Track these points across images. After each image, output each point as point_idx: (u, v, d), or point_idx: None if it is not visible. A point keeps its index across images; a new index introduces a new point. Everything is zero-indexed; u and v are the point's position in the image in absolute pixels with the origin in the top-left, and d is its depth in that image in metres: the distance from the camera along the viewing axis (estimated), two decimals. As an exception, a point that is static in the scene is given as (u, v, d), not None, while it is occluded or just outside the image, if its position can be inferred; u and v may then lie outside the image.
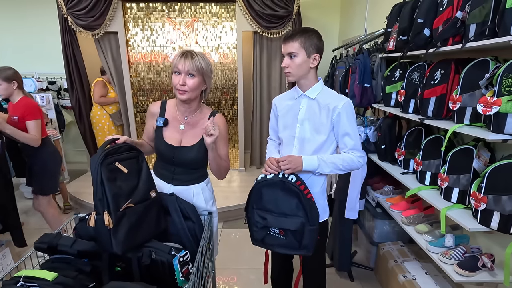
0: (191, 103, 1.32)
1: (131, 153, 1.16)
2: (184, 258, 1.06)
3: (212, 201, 1.50)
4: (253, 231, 1.30)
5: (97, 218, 1.00)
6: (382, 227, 2.21)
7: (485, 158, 1.41)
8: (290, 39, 1.23)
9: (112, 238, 1.00)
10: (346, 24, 3.95)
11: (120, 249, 1.01)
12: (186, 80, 1.23)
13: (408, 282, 1.75)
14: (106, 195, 1.00)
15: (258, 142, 4.16)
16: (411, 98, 1.76)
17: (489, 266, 1.36)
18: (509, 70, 1.12)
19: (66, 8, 3.37)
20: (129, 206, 1.05)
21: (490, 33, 1.19)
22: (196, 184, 1.42)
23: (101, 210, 0.99)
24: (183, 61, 1.21)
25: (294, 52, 1.23)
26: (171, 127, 1.34)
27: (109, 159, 1.05)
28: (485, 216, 1.25)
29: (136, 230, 1.07)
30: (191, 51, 1.24)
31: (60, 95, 4.42)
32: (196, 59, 1.22)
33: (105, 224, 0.98)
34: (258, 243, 1.31)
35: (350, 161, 1.27)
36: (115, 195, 1.01)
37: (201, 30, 3.73)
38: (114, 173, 1.05)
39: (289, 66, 1.25)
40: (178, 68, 1.22)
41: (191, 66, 1.21)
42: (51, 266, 1.03)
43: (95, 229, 1.01)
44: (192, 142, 1.33)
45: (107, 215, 0.98)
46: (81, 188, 3.58)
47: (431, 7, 1.58)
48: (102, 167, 1.01)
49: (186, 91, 1.24)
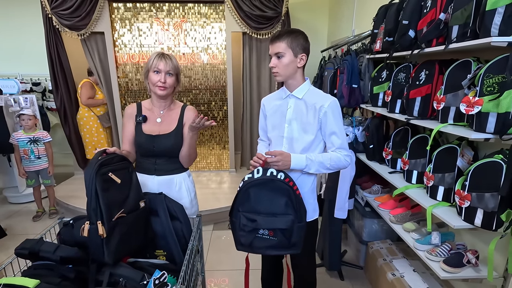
0: (167, 98, 1.48)
1: (123, 164, 1.20)
2: (161, 280, 1.00)
3: (194, 194, 1.61)
4: (240, 236, 1.25)
5: (90, 228, 1.02)
6: (371, 226, 2.24)
7: (468, 157, 1.44)
8: (277, 40, 1.24)
9: (105, 247, 1.02)
10: (334, 25, 3.99)
11: (112, 259, 1.03)
12: (167, 78, 1.39)
13: (397, 280, 1.77)
14: (100, 205, 1.02)
15: (249, 143, 4.15)
16: (397, 98, 1.79)
17: (473, 262, 1.39)
18: (490, 71, 1.15)
19: (50, 8, 3.29)
20: (121, 216, 1.08)
21: (471, 35, 1.22)
22: (178, 174, 1.52)
23: (95, 220, 1.02)
24: (164, 61, 1.37)
25: (281, 52, 1.24)
26: (149, 121, 1.47)
27: (103, 170, 1.08)
28: (469, 213, 1.28)
29: (127, 240, 1.10)
30: (166, 53, 1.41)
31: (45, 96, 4.31)
32: (173, 60, 1.40)
33: (98, 233, 1.00)
34: (245, 248, 1.26)
35: (337, 160, 1.28)
36: (109, 204, 1.04)
37: (189, 31, 3.71)
38: (108, 184, 1.08)
39: (277, 66, 1.26)
40: (158, 68, 1.37)
41: (171, 66, 1.38)
42: (33, 273, 1.00)
43: (88, 239, 1.03)
44: (168, 130, 1.45)
45: (100, 225, 1.01)
46: (68, 192, 3.50)
47: (415, 9, 1.61)
48: (96, 177, 1.03)
49: (166, 87, 1.40)
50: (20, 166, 2.96)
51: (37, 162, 2.99)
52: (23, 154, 2.94)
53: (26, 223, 3.07)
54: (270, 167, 1.24)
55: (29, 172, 2.98)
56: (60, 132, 4.00)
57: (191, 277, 1.19)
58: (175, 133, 1.45)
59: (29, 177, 3.00)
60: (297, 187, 1.24)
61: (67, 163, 4.35)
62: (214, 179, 3.85)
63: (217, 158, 4.15)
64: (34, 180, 3.02)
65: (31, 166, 2.97)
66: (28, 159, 2.95)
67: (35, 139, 2.96)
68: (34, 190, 3.13)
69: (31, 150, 2.94)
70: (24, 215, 3.24)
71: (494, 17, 1.10)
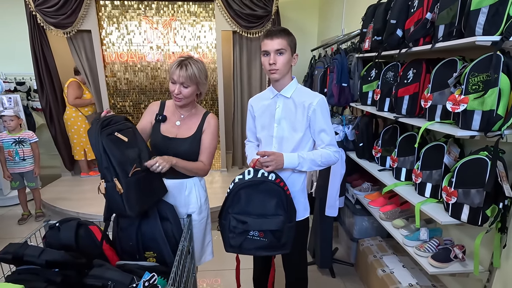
0: (187, 106, 1.43)
1: (126, 123, 1.21)
2: (151, 282, 0.97)
3: (205, 199, 1.57)
4: (230, 238, 1.23)
5: (107, 185, 1.04)
6: (362, 223, 2.26)
7: (455, 154, 1.47)
8: (277, 36, 1.22)
9: (125, 202, 1.05)
10: (324, 24, 4.02)
11: (134, 212, 1.08)
12: (181, 89, 1.33)
13: (387, 275, 1.80)
14: (112, 163, 1.04)
15: (240, 142, 4.14)
16: (386, 96, 1.81)
17: (460, 257, 1.42)
18: (475, 70, 1.18)
19: (34, 5, 3.20)
20: (136, 170, 1.10)
21: (457, 34, 1.25)
22: (189, 178, 1.47)
23: (110, 177, 1.05)
24: (178, 72, 1.30)
25: (282, 49, 1.23)
26: (168, 122, 1.44)
27: (108, 130, 1.09)
28: (456, 209, 1.31)
29: (145, 193, 1.14)
30: (187, 60, 1.31)
31: (30, 96, 4.19)
32: (190, 69, 1.30)
33: (116, 189, 1.03)
34: (235, 250, 1.25)
35: (328, 156, 1.29)
36: (121, 162, 1.06)
37: (179, 30, 3.67)
38: (116, 143, 1.09)
39: (277, 62, 1.24)
40: (173, 78, 1.32)
41: (184, 77, 1.30)
42: (17, 278, 0.97)
43: (106, 196, 1.07)
44: (186, 135, 1.41)
45: (117, 181, 1.04)
46: (55, 194, 3.42)
47: (402, 9, 1.63)
48: (102, 137, 1.05)
49: (181, 98, 1.35)
50: (5, 168, 2.87)
51: (22, 164, 2.90)
52: (7, 156, 2.85)
53: (12, 227, 2.98)
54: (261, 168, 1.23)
55: (13, 174, 2.90)
56: (46, 133, 3.89)
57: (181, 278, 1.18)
58: (192, 139, 1.41)
59: (14, 179, 2.91)
60: (287, 188, 1.24)
61: (54, 164, 4.24)
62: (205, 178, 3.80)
63: (208, 157, 4.13)
64: (19, 182, 2.94)
65: (15, 168, 2.89)
66: (13, 161, 2.87)
67: (20, 140, 2.88)
68: (19, 193, 3.05)
69: (15, 151, 2.86)
70: (9, 218, 3.15)
71: (479, 17, 1.12)
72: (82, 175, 3.93)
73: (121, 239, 1.24)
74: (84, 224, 1.20)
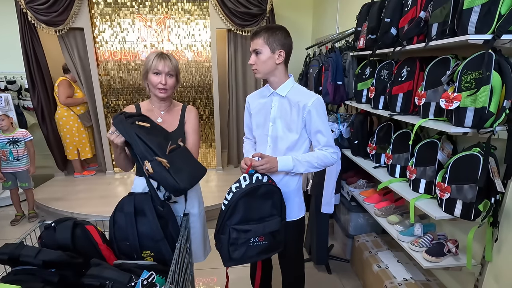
0: (167, 99, 1.43)
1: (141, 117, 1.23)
2: (149, 280, 0.97)
3: (198, 200, 1.58)
4: (230, 252, 1.19)
5: (152, 164, 1.08)
6: (357, 220, 2.29)
7: (448, 150, 1.50)
8: (254, 36, 1.24)
9: (174, 176, 1.09)
10: (318, 22, 4.03)
11: (185, 184, 1.12)
12: (167, 79, 1.34)
13: (382, 271, 1.82)
14: (148, 145, 1.09)
15: (235, 140, 4.13)
16: (380, 94, 1.83)
17: (454, 252, 1.45)
18: (468, 67, 1.20)
19: (25, 2, 3.13)
20: (172, 148, 1.15)
21: (450, 32, 1.27)
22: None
23: (152, 157, 1.09)
24: (163, 62, 1.32)
25: (258, 48, 1.23)
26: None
27: (130, 120, 1.14)
28: (449, 204, 1.33)
29: (190, 167, 1.19)
30: (165, 53, 1.36)
31: (21, 95, 4.12)
32: (173, 60, 1.35)
33: (163, 165, 1.07)
34: (236, 262, 1.21)
35: (324, 158, 1.28)
36: (156, 143, 1.11)
37: (173, 28, 3.64)
38: (142, 129, 1.13)
39: (255, 63, 1.26)
40: (158, 69, 1.32)
41: (170, 67, 1.33)
42: (13, 279, 0.95)
43: (155, 175, 1.09)
44: (171, 129, 1.41)
45: (160, 158, 1.08)
46: (48, 194, 3.37)
47: (397, 7, 1.65)
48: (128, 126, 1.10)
49: (167, 89, 1.36)
50: (-1, 168, 2.83)
51: (15, 164, 2.86)
52: (1, 156, 2.81)
53: (4, 228, 2.94)
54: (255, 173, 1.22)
55: (6, 174, 2.85)
56: (38, 133, 3.83)
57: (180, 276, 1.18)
58: (177, 132, 1.42)
59: (6, 179, 2.86)
60: (275, 184, 1.26)
61: (47, 164, 4.18)
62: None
63: (204, 156, 4.12)
64: (11, 182, 2.89)
65: (8, 167, 2.84)
66: (7, 161, 2.82)
67: (15, 140, 2.83)
68: (12, 193, 3.00)
69: (9, 151, 2.81)
70: (2, 219, 3.10)
71: (471, 15, 1.14)
72: (75, 175, 3.89)
73: (118, 239, 1.23)
74: (81, 224, 1.19)
